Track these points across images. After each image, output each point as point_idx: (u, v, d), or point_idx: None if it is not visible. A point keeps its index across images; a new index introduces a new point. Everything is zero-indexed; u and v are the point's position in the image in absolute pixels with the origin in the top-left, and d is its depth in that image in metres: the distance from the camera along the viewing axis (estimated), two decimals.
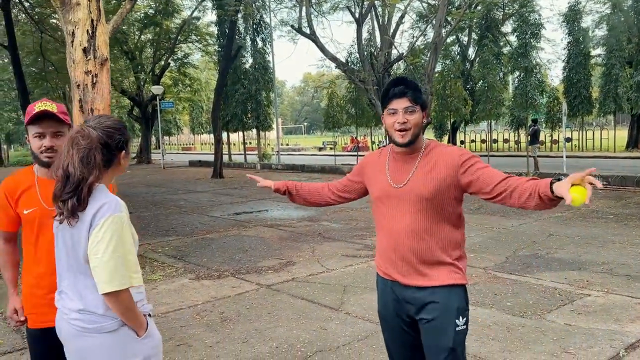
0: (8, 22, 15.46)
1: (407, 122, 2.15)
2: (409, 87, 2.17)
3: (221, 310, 4.88)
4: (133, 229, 1.97)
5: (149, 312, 2.03)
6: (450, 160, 2.15)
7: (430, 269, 2.17)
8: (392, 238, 2.23)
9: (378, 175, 2.32)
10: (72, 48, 5.79)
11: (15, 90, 33.44)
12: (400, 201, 2.20)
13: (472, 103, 22.44)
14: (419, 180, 2.17)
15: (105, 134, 1.92)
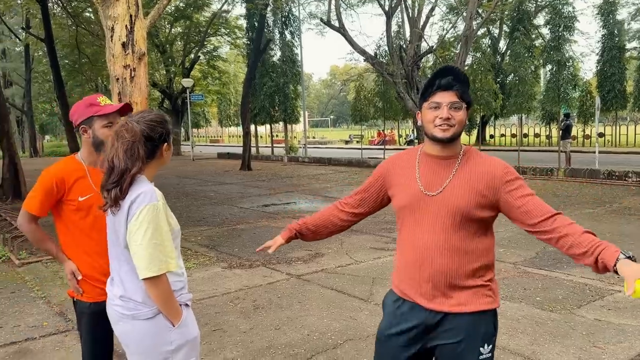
0: (45, 15, 15.90)
1: (452, 119, 1.88)
2: (459, 79, 1.90)
3: (253, 298, 5.03)
4: (174, 218, 2.05)
5: (187, 302, 2.08)
6: (494, 174, 1.90)
7: (460, 293, 1.91)
8: (419, 254, 1.94)
9: (406, 180, 2.01)
10: (111, 43, 5.99)
11: (49, 82, 34.40)
12: (433, 211, 1.92)
13: (502, 97, 22.14)
14: (457, 189, 1.90)
15: (147, 127, 2.00)
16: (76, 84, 30.15)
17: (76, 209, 2.41)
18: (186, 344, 2.03)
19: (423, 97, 1.95)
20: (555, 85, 16.19)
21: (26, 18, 24.54)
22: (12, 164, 12.43)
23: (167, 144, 2.09)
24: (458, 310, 1.89)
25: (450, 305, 1.90)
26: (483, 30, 26.79)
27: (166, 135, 2.07)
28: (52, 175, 2.41)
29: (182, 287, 2.09)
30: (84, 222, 2.41)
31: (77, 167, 2.47)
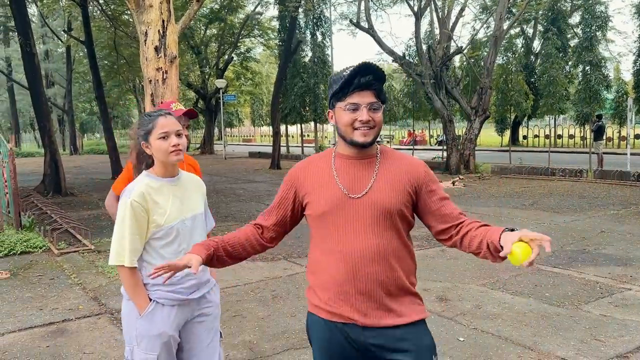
0: (85, 18, 16.62)
1: (372, 121, 1.75)
2: (378, 77, 1.75)
3: (273, 289, 5.31)
4: (164, 215, 2.19)
5: (161, 300, 2.22)
6: (417, 172, 1.82)
7: (397, 303, 1.76)
8: (349, 264, 1.73)
9: (324, 184, 1.81)
10: (145, 47, 6.37)
11: (88, 83, 35.62)
12: (360, 215, 1.75)
13: (534, 97, 21.91)
14: (383, 188, 1.77)
15: (138, 130, 2.28)
16: (114, 84, 31.21)
17: None
18: (146, 338, 2.21)
19: (336, 96, 1.78)
20: (587, 86, 16.01)
21: (68, 21, 25.58)
22: (53, 160, 13.08)
23: (145, 141, 2.23)
24: (399, 322, 1.74)
25: (390, 318, 1.74)
26: (517, 30, 26.50)
27: (143, 135, 2.23)
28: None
29: (155, 284, 2.21)
30: None
31: None
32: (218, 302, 2.49)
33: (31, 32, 12.98)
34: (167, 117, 2.21)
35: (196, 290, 2.30)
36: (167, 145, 2.17)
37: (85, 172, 20.10)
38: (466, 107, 16.86)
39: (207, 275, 2.39)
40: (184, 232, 2.25)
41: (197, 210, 2.34)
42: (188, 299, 2.28)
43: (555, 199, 10.60)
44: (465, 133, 16.89)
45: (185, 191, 2.32)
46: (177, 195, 2.26)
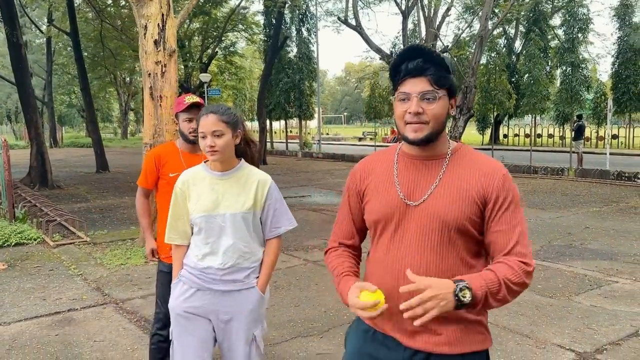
0: (71, 10, 16.43)
1: (423, 114, 1.50)
2: (432, 61, 1.50)
3: (274, 280, 5.41)
4: (198, 203, 2.30)
5: (181, 276, 2.38)
6: (490, 180, 1.52)
7: (448, 329, 1.52)
8: (396, 278, 1.53)
9: (382, 186, 1.62)
10: (144, 40, 6.39)
11: (68, 75, 35.11)
12: (417, 225, 1.54)
13: (516, 97, 22.32)
14: (444, 196, 1.53)
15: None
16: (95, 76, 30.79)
17: (167, 183, 2.97)
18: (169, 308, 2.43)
19: (393, 85, 1.58)
20: (568, 87, 16.40)
21: (49, 11, 25.18)
22: (39, 153, 12.95)
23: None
24: (445, 351, 1.52)
25: (436, 344, 1.52)
26: (499, 30, 26.92)
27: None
28: (152, 153, 3.11)
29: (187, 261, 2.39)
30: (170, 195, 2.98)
31: (173, 150, 3.09)
32: (253, 307, 2.33)
33: (18, 22, 12.82)
34: (209, 116, 2.24)
35: (219, 283, 2.29)
36: (204, 145, 2.25)
37: (68, 165, 19.86)
38: None
39: (239, 275, 2.31)
40: (212, 227, 2.28)
41: (238, 209, 2.28)
42: (207, 287, 2.30)
43: (539, 197, 10.89)
44: (450, 131, 17.14)
45: (232, 188, 2.30)
46: (218, 190, 2.29)
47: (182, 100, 3.02)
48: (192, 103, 2.97)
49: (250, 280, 2.34)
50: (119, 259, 6.30)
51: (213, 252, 2.29)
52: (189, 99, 3.00)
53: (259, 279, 2.37)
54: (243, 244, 2.30)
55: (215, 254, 2.28)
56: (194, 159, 2.97)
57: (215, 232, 2.27)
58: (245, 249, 2.31)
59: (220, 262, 2.28)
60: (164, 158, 3.06)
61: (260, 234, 2.39)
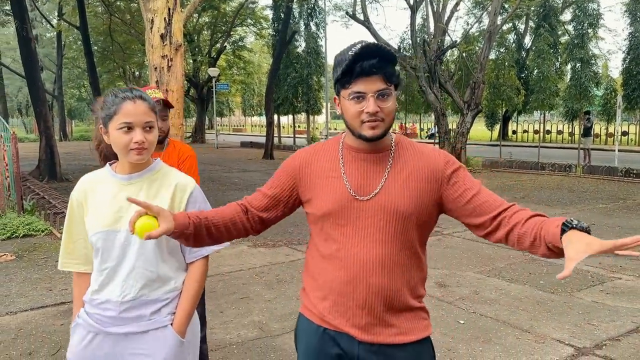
0: (81, 4, 16.53)
1: (380, 112, 1.49)
2: (385, 59, 1.48)
3: (277, 273, 5.47)
4: (88, 216, 1.76)
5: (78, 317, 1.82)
6: (435, 165, 1.56)
7: (398, 318, 1.55)
8: (351, 274, 1.53)
9: (328, 181, 1.59)
10: (151, 34, 6.43)
11: (78, 68, 35.34)
12: (368, 219, 1.53)
13: (525, 92, 22.20)
14: (395, 189, 1.53)
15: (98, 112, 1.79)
16: (105, 70, 31.01)
17: None
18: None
19: (340, 82, 1.53)
20: (577, 83, 16.29)
21: (59, 5, 25.34)
22: (48, 145, 13.08)
23: (102, 126, 1.74)
24: (399, 340, 1.54)
25: (390, 335, 1.54)
26: (509, 25, 26.76)
27: (103, 117, 1.73)
28: None
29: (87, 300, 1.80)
30: None
31: None
32: (167, 355, 1.76)
33: (28, 16, 12.93)
34: (137, 102, 1.68)
35: (118, 322, 1.74)
36: (127, 140, 1.66)
37: (77, 159, 20.03)
38: (459, 101, 17.06)
39: (144, 310, 1.75)
40: (110, 247, 1.72)
41: None
42: (104, 331, 1.75)
43: (545, 193, 10.86)
44: (457, 127, 17.11)
45: (139, 195, 1.73)
46: (122, 198, 1.70)
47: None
48: (156, 99, 2.44)
49: (161, 318, 1.77)
50: None
51: (111, 280, 1.74)
52: (151, 94, 2.51)
53: (175, 317, 1.78)
54: (149, 269, 1.74)
55: (114, 283, 1.74)
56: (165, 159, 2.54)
57: (115, 254, 1.72)
58: (152, 275, 1.75)
59: (118, 293, 1.73)
60: None
61: (179, 255, 1.83)
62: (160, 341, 1.75)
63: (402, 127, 33.15)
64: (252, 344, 3.79)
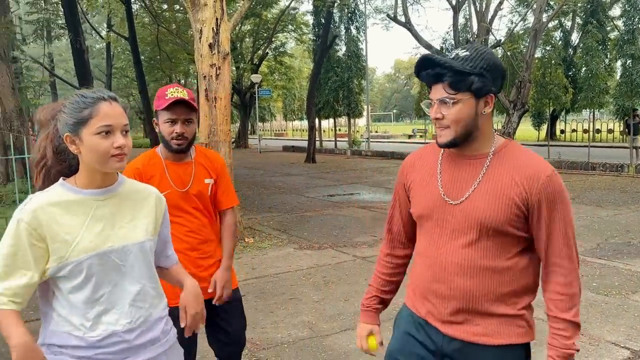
0: (129, 15, 17.16)
1: (443, 119, 1.55)
2: (443, 68, 1.52)
3: (323, 275, 5.55)
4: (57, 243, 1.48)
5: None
6: (532, 181, 1.52)
7: (484, 321, 1.59)
8: (436, 272, 1.62)
9: (426, 183, 1.67)
10: (199, 44, 6.66)
11: (126, 78, 36.55)
12: (455, 223, 1.59)
13: (573, 91, 21.58)
14: (483, 196, 1.55)
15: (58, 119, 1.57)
16: (152, 79, 31.96)
17: None
18: None
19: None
20: (628, 80, 15.74)
21: (108, 17, 26.34)
22: None
23: (70, 134, 1.51)
24: (480, 341, 1.58)
25: (471, 334, 1.59)
26: (555, 22, 26.06)
27: (71, 124, 1.51)
28: (131, 168, 2.32)
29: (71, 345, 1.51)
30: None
31: (156, 162, 2.38)
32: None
33: (81, 29, 13.55)
34: (113, 103, 1.52)
35: (133, 353, 1.57)
36: (108, 145, 1.48)
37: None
38: (504, 101, 16.74)
39: (155, 331, 1.63)
40: (105, 270, 1.53)
41: (137, 239, 1.60)
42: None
43: (596, 194, 10.55)
44: (503, 127, 16.79)
45: (120, 209, 1.59)
46: (103, 215, 1.55)
47: (163, 93, 2.28)
48: (177, 99, 2.24)
49: (170, 336, 1.70)
50: None
51: (112, 307, 1.54)
52: (172, 93, 2.26)
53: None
54: (152, 286, 1.64)
55: (116, 311, 1.54)
56: (181, 170, 2.38)
57: (112, 277, 1.55)
58: (154, 291, 1.65)
59: (127, 320, 1.55)
60: (147, 172, 2.33)
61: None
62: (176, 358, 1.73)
63: None
64: (303, 344, 3.88)
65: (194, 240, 2.41)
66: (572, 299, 1.56)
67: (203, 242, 2.45)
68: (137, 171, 2.31)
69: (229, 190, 2.55)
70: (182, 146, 2.31)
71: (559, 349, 1.52)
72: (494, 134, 1.63)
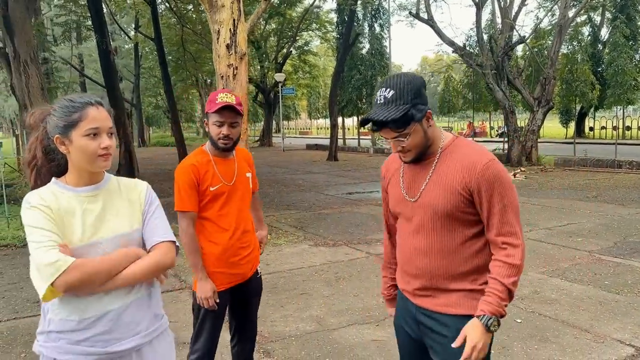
0: (155, 16, 17.49)
1: (403, 148, 1.82)
2: (384, 122, 1.74)
3: (336, 271, 5.64)
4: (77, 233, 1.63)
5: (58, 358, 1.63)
6: (470, 171, 1.76)
7: (448, 295, 1.85)
8: (405, 255, 1.95)
9: (393, 186, 2.00)
10: (217, 44, 6.81)
11: (154, 78, 37.19)
12: (415, 216, 1.88)
13: (599, 87, 21.11)
14: (432, 191, 1.83)
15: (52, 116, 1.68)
16: (179, 79, 32.48)
17: (208, 202, 2.55)
18: None
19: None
20: None
21: (136, 18, 26.86)
22: (127, 151, 14.00)
23: (60, 136, 1.64)
24: (442, 310, 1.85)
25: (436, 305, 1.87)
26: (584, 17, 25.53)
27: (62, 127, 1.63)
28: (188, 165, 2.53)
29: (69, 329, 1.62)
30: (213, 213, 2.58)
31: (207, 159, 2.57)
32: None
33: (107, 30, 13.90)
34: (99, 108, 1.66)
35: (118, 341, 1.66)
36: (96, 146, 1.62)
37: (154, 163, 21.19)
38: (529, 98, 16.55)
39: (140, 317, 1.71)
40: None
41: (122, 230, 1.71)
42: (108, 353, 1.64)
43: (620, 192, 10.36)
44: (528, 124, 16.59)
45: (108, 204, 1.72)
46: (94, 209, 1.68)
47: (214, 97, 2.50)
48: (225, 105, 2.46)
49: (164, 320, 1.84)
50: None
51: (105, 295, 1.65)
52: (222, 97, 2.48)
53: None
54: None
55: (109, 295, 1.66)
56: (226, 166, 2.61)
57: None
58: None
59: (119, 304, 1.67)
60: (202, 168, 2.54)
61: None
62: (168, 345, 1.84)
63: (470, 126, 32.38)
64: (309, 337, 3.98)
65: (237, 231, 2.63)
66: (511, 268, 1.74)
67: (244, 232, 2.68)
68: (193, 167, 2.52)
69: (255, 177, 2.88)
70: (228, 146, 2.55)
71: (493, 305, 1.71)
72: (442, 134, 1.88)
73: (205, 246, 2.58)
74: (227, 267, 2.61)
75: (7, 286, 5.49)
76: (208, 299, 2.53)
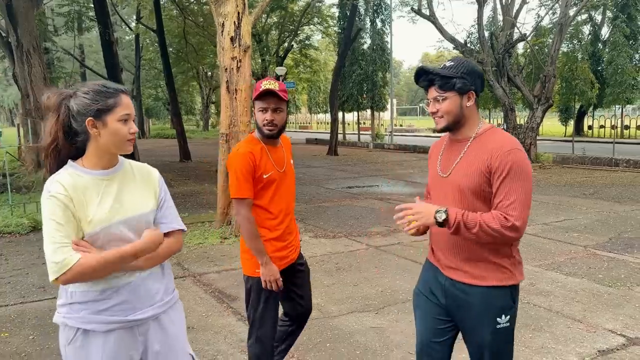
0: (157, 8, 17.53)
1: (437, 112, 2.04)
2: (433, 75, 2.03)
3: (336, 262, 5.75)
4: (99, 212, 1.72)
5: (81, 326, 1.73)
6: (493, 155, 1.96)
7: (473, 267, 2.04)
8: (438, 230, 2.09)
9: (432, 163, 2.23)
10: (221, 37, 6.90)
11: (155, 69, 37.21)
12: (446, 191, 2.09)
13: (599, 86, 21.19)
14: (461, 170, 2.04)
15: (78, 100, 1.75)
16: (179, 71, 32.49)
17: (261, 188, 2.59)
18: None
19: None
20: None
21: (137, 9, 26.85)
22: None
23: (93, 118, 1.72)
24: (470, 282, 2.04)
25: (463, 276, 2.05)
26: (584, 16, 25.59)
27: (95, 111, 1.72)
28: (245, 152, 2.56)
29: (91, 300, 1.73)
30: (265, 199, 2.63)
31: (259, 146, 2.62)
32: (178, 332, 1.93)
33: (110, 21, 13.92)
34: (128, 96, 1.80)
35: (138, 310, 1.78)
36: (126, 130, 1.75)
37: (154, 155, 21.25)
38: (528, 96, 16.64)
39: (156, 289, 1.84)
40: (114, 239, 1.74)
41: (140, 210, 1.81)
42: (129, 321, 1.76)
43: (617, 189, 10.48)
44: (527, 122, 16.70)
45: (125, 186, 1.82)
46: (112, 191, 1.77)
47: (258, 85, 2.57)
48: (266, 90, 2.51)
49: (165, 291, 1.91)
50: (197, 238, 6.88)
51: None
52: (265, 84, 2.53)
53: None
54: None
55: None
56: (276, 153, 2.67)
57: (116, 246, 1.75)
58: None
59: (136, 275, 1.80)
60: (258, 155, 2.58)
61: None
62: (179, 313, 1.96)
63: None
64: (311, 323, 4.05)
65: (286, 217, 2.72)
66: (496, 224, 1.89)
67: (291, 219, 2.79)
68: (250, 155, 2.56)
69: None
70: (272, 132, 2.60)
71: (458, 214, 1.92)
72: (481, 122, 2.10)
73: (261, 232, 2.63)
74: (278, 250, 2.67)
75: (13, 272, 5.59)
76: (277, 280, 2.59)
